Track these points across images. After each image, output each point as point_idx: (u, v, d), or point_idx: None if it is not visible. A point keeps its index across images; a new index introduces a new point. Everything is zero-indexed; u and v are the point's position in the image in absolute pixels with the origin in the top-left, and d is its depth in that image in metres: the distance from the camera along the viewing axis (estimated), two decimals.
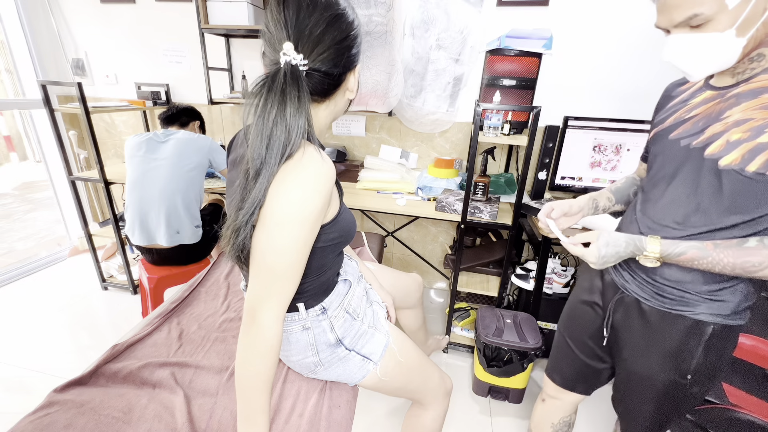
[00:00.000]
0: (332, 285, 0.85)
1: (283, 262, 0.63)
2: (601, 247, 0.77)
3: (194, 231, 1.78)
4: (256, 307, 0.64)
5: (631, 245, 0.76)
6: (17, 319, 2.07)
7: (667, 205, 0.76)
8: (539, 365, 1.88)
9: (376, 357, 0.88)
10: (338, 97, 0.72)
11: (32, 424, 0.75)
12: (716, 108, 0.70)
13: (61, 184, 2.68)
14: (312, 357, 0.84)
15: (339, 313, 0.84)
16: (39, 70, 2.49)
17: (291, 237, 0.62)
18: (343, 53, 0.66)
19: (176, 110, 1.88)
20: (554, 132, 1.76)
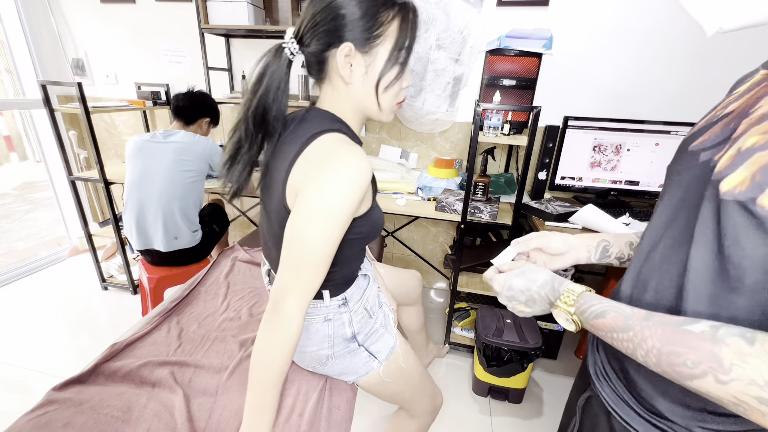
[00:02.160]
0: (354, 277, 0.85)
1: (314, 254, 0.63)
2: (512, 277, 0.59)
3: (192, 236, 1.77)
4: (282, 296, 0.64)
5: (548, 286, 0.55)
6: (17, 319, 2.07)
7: (658, 262, 0.49)
8: (539, 365, 1.88)
9: (382, 356, 0.88)
10: (335, 80, 0.68)
11: (31, 422, 0.74)
12: (755, 96, 0.43)
13: (61, 184, 2.68)
14: (327, 350, 0.84)
15: (358, 308, 0.85)
16: (39, 70, 2.49)
17: (326, 231, 0.62)
18: (318, 27, 0.63)
19: (186, 103, 1.77)
20: (554, 132, 1.76)
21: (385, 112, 0.71)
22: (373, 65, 0.65)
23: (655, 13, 1.72)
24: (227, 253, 1.53)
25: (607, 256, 0.69)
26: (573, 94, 1.94)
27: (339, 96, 0.69)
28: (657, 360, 0.40)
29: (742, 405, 0.35)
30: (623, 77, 1.86)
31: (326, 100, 0.71)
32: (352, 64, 0.64)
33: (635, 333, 0.42)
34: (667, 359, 0.39)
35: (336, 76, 0.67)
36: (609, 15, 1.78)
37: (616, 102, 1.90)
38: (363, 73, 0.65)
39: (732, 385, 0.35)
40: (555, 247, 0.68)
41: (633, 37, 1.78)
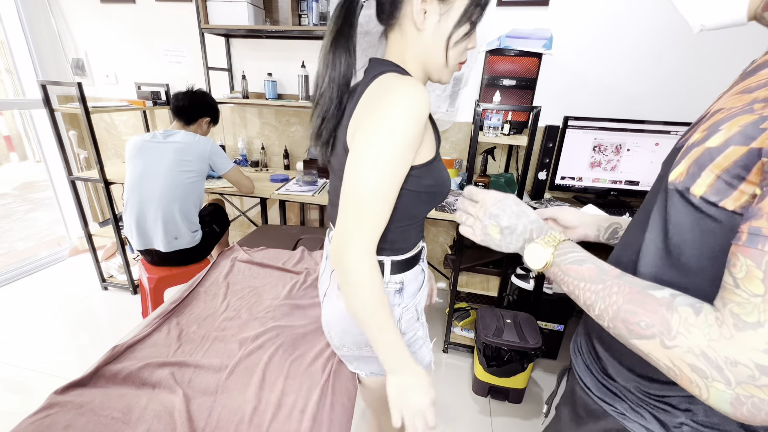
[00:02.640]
0: (415, 259, 0.78)
1: (371, 192, 0.58)
2: (509, 200, 0.59)
3: (192, 236, 1.78)
4: (342, 245, 0.60)
5: (538, 224, 0.56)
6: (17, 319, 2.08)
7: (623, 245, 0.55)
8: (539, 365, 1.88)
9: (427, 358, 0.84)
10: (406, 26, 0.65)
11: (33, 425, 0.75)
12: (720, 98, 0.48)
13: (61, 184, 2.68)
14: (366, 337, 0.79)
15: (410, 305, 0.79)
16: (39, 70, 2.49)
17: (381, 164, 0.58)
18: None
19: (186, 102, 1.76)
20: (554, 132, 1.76)
21: (449, 67, 0.68)
22: (448, 15, 0.62)
23: (655, 13, 1.72)
24: (227, 253, 1.53)
25: (615, 238, 0.70)
26: (573, 94, 1.94)
27: (406, 44, 0.66)
28: (613, 315, 0.43)
29: (675, 369, 0.38)
30: (623, 77, 1.86)
31: (392, 50, 0.69)
32: (427, 10, 0.62)
33: (604, 287, 0.44)
34: (623, 316, 0.42)
35: (408, 22, 0.64)
36: (609, 15, 1.78)
37: (616, 102, 1.90)
38: (436, 21, 0.63)
39: (673, 351, 0.38)
40: (568, 219, 0.71)
41: (633, 37, 1.78)
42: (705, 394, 0.36)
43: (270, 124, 2.49)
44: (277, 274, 1.40)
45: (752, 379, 0.33)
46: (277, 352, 0.99)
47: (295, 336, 1.06)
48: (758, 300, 0.33)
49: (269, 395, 0.86)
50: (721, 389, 0.35)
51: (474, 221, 0.60)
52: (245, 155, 2.51)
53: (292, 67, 2.24)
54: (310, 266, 1.46)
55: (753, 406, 0.34)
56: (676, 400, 0.47)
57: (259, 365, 0.95)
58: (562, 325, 1.84)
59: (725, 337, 0.35)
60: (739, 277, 0.35)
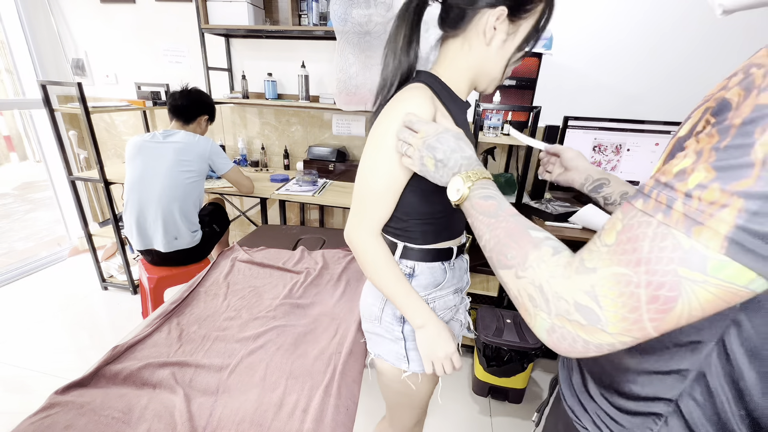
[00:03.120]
0: (435, 255, 0.79)
1: (368, 185, 0.69)
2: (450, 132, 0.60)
3: (192, 236, 1.78)
4: (349, 231, 0.73)
5: (471, 160, 0.57)
6: (17, 319, 2.08)
7: None
8: (539, 365, 1.88)
9: (415, 366, 0.83)
10: (472, 37, 0.67)
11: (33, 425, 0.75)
12: None
13: (61, 184, 2.68)
14: (377, 310, 0.83)
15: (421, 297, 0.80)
16: (39, 70, 2.49)
17: (373, 160, 0.67)
18: None
19: (184, 101, 1.75)
20: (554, 132, 1.76)
21: (499, 81, 0.74)
22: (514, 36, 0.66)
23: (655, 13, 1.72)
24: (227, 253, 1.53)
25: (598, 192, 0.75)
26: (573, 94, 1.94)
27: (467, 54, 0.69)
28: (493, 245, 0.47)
29: (519, 298, 0.41)
30: (623, 77, 1.86)
31: (447, 56, 0.72)
32: (496, 28, 0.64)
33: (496, 221, 0.48)
34: (499, 248, 0.46)
35: (475, 35, 0.67)
36: (609, 15, 1.78)
37: (616, 102, 1.90)
38: (503, 39, 0.66)
39: (521, 281, 0.41)
40: (567, 157, 0.79)
41: (633, 37, 1.78)
42: (533, 321, 0.40)
43: (270, 124, 2.49)
44: (278, 273, 1.41)
45: (567, 313, 0.36)
46: (278, 352, 0.99)
47: (296, 335, 1.06)
48: (605, 249, 0.34)
49: (271, 395, 0.86)
50: (544, 317, 0.38)
51: (414, 151, 0.61)
52: (245, 155, 2.51)
53: (292, 67, 2.24)
54: (310, 266, 1.46)
55: (561, 335, 0.37)
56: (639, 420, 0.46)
57: (260, 365, 0.95)
58: None
59: (564, 277, 0.37)
60: (605, 228, 0.36)
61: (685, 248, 0.29)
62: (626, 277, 0.32)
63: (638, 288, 0.31)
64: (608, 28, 1.80)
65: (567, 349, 0.37)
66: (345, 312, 1.19)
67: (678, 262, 0.29)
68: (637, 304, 0.32)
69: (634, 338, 0.33)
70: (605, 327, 0.34)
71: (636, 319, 0.32)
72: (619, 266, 0.33)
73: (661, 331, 0.33)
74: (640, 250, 0.31)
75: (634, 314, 0.32)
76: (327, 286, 1.34)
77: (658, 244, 0.30)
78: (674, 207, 0.30)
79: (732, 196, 0.27)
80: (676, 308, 0.31)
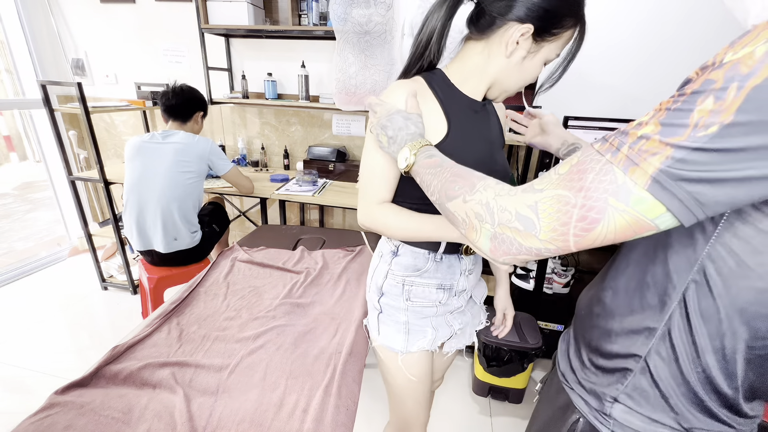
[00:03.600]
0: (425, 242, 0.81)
1: (364, 168, 0.75)
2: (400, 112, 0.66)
3: (191, 237, 1.78)
4: (360, 210, 0.77)
5: (417, 136, 0.64)
6: (17, 319, 2.08)
7: None
8: (539, 365, 1.88)
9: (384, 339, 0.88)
10: (494, 45, 0.68)
11: (33, 425, 0.75)
12: None
13: (61, 184, 2.68)
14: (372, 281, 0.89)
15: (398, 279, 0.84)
16: (39, 70, 2.49)
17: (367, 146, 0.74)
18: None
19: (179, 100, 1.73)
20: None
21: (511, 94, 0.77)
22: (534, 56, 0.68)
23: (656, 13, 1.72)
24: (226, 253, 1.53)
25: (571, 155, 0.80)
26: (573, 94, 1.94)
27: (484, 59, 0.71)
28: (440, 186, 0.53)
29: (467, 219, 0.48)
30: (623, 77, 1.86)
31: (464, 56, 0.74)
32: (519, 43, 0.66)
33: (442, 169, 0.55)
34: (446, 185, 0.52)
35: (497, 44, 0.68)
36: (609, 15, 1.78)
37: (616, 102, 1.90)
38: (522, 56, 0.68)
39: (468, 204, 0.48)
40: (547, 120, 0.86)
41: (634, 37, 1.78)
42: (477, 235, 0.46)
43: (270, 124, 2.49)
44: (278, 273, 1.41)
45: (509, 221, 0.43)
46: (278, 352, 0.99)
47: (296, 335, 1.06)
48: (555, 177, 0.41)
49: (271, 395, 0.86)
50: (488, 228, 0.45)
51: (374, 129, 0.70)
52: (245, 155, 2.51)
53: (292, 67, 2.24)
54: (310, 266, 1.46)
55: (501, 240, 0.44)
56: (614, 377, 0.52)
57: (260, 365, 0.95)
58: (562, 325, 1.84)
59: (509, 195, 0.44)
60: (562, 162, 0.42)
61: (619, 183, 0.36)
62: (566, 198, 0.39)
63: (574, 208, 0.38)
64: (608, 28, 1.80)
65: (504, 251, 0.44)
66: (345, 311, 1.18)
67: (610, 193, 0.36)
68: (568, 220, 0.39)
69: (557, 248, 0.41)
70: (538, 234, 0.41)
71: (563, 232, 0.39)
72: (564, 189, 0.39)
73: (579, 246, 0.40)
74: (584, 180, 0.38)
75: (564, 227, 0.39)
76: (327, 286, 1.34)
77: (600, 177, 0.37)
78: (621, 150, 0.36)
79: (666, 146, 0.34)
80: (596, 229, 0.38)
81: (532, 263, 1.88)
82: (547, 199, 0.40)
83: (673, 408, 0.47)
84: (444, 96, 0.73)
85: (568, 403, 0.59)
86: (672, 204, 0.34)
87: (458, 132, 0.73)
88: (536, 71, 0.70)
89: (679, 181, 0.33)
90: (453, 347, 0.96)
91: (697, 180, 0.33)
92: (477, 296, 0.96)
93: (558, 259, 1.87)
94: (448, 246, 0.81)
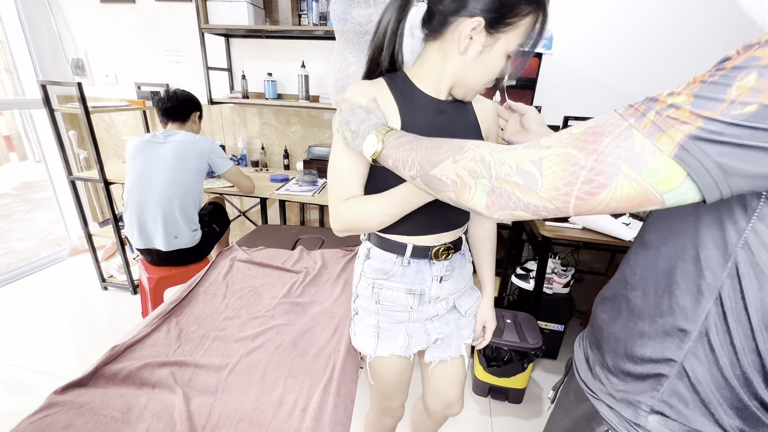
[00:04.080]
0: (391, 245, 0.82)
1: (330, 166, 0.75)
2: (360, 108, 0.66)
3: (192, 235, 1.78)
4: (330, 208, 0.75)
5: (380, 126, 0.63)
6: (17, 319, 2.08)
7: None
8: (539, 365, 1.88)
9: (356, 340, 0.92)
10: (448, 43, 0.66)
11: (32, 425, 0.74)
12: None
13: (61, 184, 2.68)
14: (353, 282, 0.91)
15: (369, 280, 0.86)
16: (39, 70, 2.49)
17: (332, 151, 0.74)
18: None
19: (175, 102, 1.77)
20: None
21: (476, 91, 0.74)
22: (491, 49, 0.65)
23: (655, 13, 1.72)
24: (225, 253, 1.53)
25: None
26: (573, 94, 1.94)
27: (441, 58, 0.69)
28: (421, 158, 0.51)
29: (458, 180, 0.46)
30: (623, 77, 1.86)
31: (423, 57, 0.73)
32: (473, 38, 0.64)
33: (418, 144, 0.53)
34: (427, 153, 0.50)
35: (451, 43, 0.66)
36: (609, 15, 1.78)
37: (616, 102, 1.90)
38: (478, 51, 0.65)
39: (459, 163, 0.46)
40: (530, 118, 0.77)
41: (633, 37, 1.78)
42: (472, 192, 0.44)
43: (270, 124, 2.49)
44: (277, 273, 1.40)
45: (508, 175, 0.41)
46: (277, 351, 0.99)
47: (295, 334, 1.06)
48: (567, 136, 0.39)
49: (270, 394, 0.86)
50: (485, 183, 0.43)
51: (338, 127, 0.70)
52: (245, 155, 2.51)
53: (292, 67, 2.24)
54: (309, 265, 1.46)
55: (498, 194, 0.42)
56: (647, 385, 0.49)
57: (259, 364, 0.95)
58: (562, 326, 1.84)
59: (509, 150, 0.42)
60: (578, 124, 0.40)
61: (636, 151, 0.34)
62: (576, 158, 0.37)
63: (582, 169, 0.37)
64: (608, 28, 1.80)
65: (501, 206, 0.42)
66: (344, 309, 1.18)
67: (624, 160, 0.35)
68: (573, 180, 0.37)
69: (555, 207, 0.39)
70: (538, 190, 0.39)
71: (566, 192, 0.38)
72: (575, 150, 0.37)
73: (578, 210, 0.38)
74: (599, 142, 0.36)
75: (567, 188, 0.37)
76: (326, 285, 1.34)
77: (618, 142, 0.35)
78: (647, 115, 0.35)
79: (697, 118, 0.32)
80: (601, 194, 0.36)
81: (532, 263, 1.88)
82: (554, 156, 0.39)
83: (714, 413, 0.44)
84: (402, 97, 0.73)
85: (593, 413, 0.55)
86: (699, 174, 0.32)
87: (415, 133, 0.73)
88: (498, 65, 0.67)
89: (708, 150, 0.32)
90: (436, 357, 0.93)
91: (727, 152, 0.31)
92: (463, 306, 0.93)
93: (558, 259, 1.87)
94: (415, 250, 0.81)
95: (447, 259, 0.83)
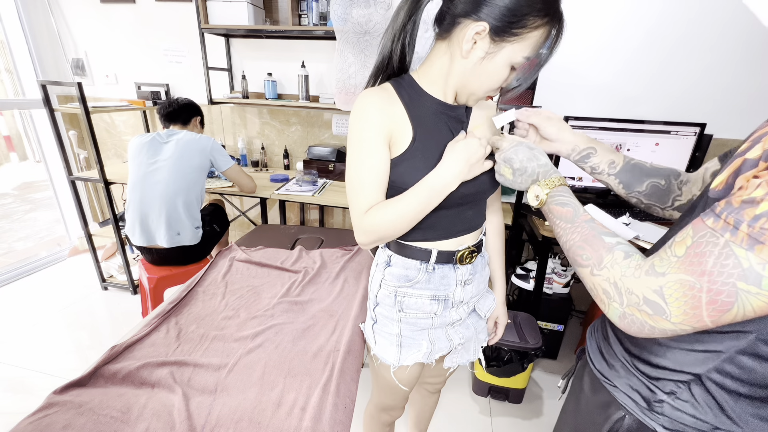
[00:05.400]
0: (413, 252, 0.80)
1: (348, 178, 0.72)
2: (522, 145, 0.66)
3: (194, 232, 1.78)
4: (353, 220, 0.73)
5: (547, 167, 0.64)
6: (17, 319, 2.08)
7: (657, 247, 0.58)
8: (539, 365, 1.88)
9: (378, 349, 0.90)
10: (454, 45, 0.66)
11: (32, 425, 0.74)
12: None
13: (61, 184, 2.68)
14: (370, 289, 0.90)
15: (392, 283, 0.83)
16: (39, 70, 2.50)
17: (349, 156, 0.71)
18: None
19: (177, 107, 1.82)
20: None
21: (479, 97, 0.72)
22: (494, 57, 0.64)
23: (655, 14, 1.72)
24: (225, 253, 1.53)
25: (585, 162, 0.76)
26: (573, 94, 1.94)
27: (447, 59, 0.69)
28: (569, 247, 0.55)
29: (594, 290, 0.50)
30: (623, 77, 1.86)
31: (430, 57, 0.72)
32: (477, 42, 0.63)
33: (573, 226, 0.56)
34: (575, 250, 0.54)
35: (456, 44, 0.65)
36: (608, 15, 1.78)
37: (616, 102, 1.90)
38: (481, 57, 0.64)
39: (596, 278, 0.49)
40: (548, 132, 0.76)
41: (633, 37, 1.78)
42: (606, 309, 0.48)
43: (270, 124, 2.49)
44: (276, 273, 1.40)
45: (637, 305, 0.44)
46: (276, 350, 0.99)
47: (295, 333, 1.06)
48: (674, 259, 0.41)
49: (269, 393, 0.86)
50: (616, 307, 0.46)
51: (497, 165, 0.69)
52: (245, 155, 2.51)
53: (292, 67, 2.24)
54: (308, 265, 1.46)
55: (631, 321, 0.45)
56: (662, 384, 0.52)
57: (258, 363, 0.94)
58: (562, 325, 1.83)
59: (635, 277, 0.45)
60: (676, 240, 0.42)
61: (744, 267, 0.35)
62: (690, 283, 0.39)
63: (700, 292, 0.38)
64: (609, 28, 1.80)
65: (636, 331, 0.45)
66: (344, 308, 1.18)
67: (737, 277, 0.36)
68: (698, 304, 0.39)
69: (692, 327, 0.41)
70: (669, 318, 0.41)
71: (696, 314, 0.39)
72: (686, 274, 0.39)
73: (718, 324, 0.39)
74: (705, 264, 0.38)
75: (695, 311, 0.39)
76: (325, 284, 1.34)
77: (722, 261, 0.37)
78: (740, 228, 0.36)
79: None
80: (732, 310, 0.37)
81: (532, 263, 1.88)
82: (671, 283, 0.40)
83: (731, 416, 0.46)
84: (411, 101, 0.71)
85: (609, 401, 0.58)
86: None
87: (425, 138, 0.72)
88: (500, 74, 0.66)
89: None
90: (455, 362, 0.93)
91: None
92: (482, 309, 0.92)
93: (558, 259, 1.87)
94: (440, 256, 0.80)
95: (471, 262, 0.83)
